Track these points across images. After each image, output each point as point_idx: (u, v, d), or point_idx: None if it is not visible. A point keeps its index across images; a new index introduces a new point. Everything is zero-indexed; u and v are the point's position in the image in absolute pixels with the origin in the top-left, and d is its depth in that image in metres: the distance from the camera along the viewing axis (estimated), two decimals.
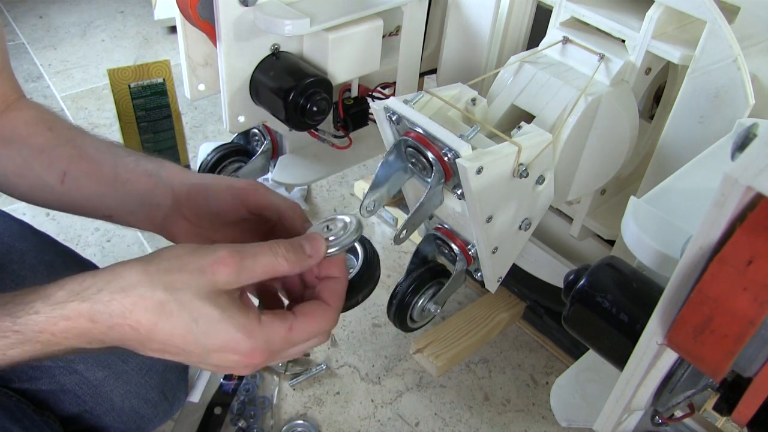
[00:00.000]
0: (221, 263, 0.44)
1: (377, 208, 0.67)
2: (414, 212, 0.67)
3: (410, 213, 0.68)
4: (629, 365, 0.44)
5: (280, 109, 0.84)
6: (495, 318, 1.06)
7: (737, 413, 0.42)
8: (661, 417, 0.51)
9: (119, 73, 1.11)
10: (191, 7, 0.81)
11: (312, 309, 0.49)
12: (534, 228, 0.74)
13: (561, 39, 0.75)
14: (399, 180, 0.69)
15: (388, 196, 0.68)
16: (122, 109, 1.13)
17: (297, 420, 0.93)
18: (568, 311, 0.53)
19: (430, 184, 0.64)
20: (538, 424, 0.97)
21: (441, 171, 0.63)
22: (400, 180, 0.69)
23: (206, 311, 0.43)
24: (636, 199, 0.54)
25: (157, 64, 1.11)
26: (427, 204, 0.67)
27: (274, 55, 0.86)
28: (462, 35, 0.92)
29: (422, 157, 0.64)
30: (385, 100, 0.67)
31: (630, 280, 0.52)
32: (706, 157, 0.60)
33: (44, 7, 1.89)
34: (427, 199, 0.66)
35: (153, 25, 1.82)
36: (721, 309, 0.34)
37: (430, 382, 1.01)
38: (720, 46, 0.66)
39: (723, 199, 0.32)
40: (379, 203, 0.67)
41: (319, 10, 0.82)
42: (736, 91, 0.66)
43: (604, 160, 0.77)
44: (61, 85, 1.58)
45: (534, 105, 0.73)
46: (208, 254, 0.44)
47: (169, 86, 1.14)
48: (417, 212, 0.67)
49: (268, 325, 0.45)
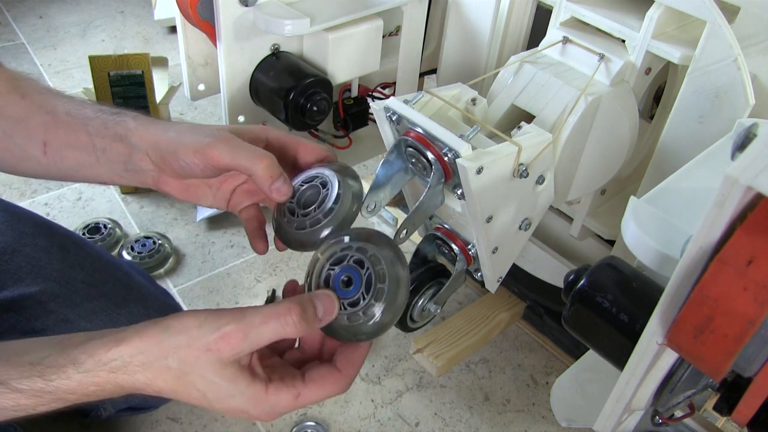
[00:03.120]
0: (225, 341, 0.46)
1: (378, 209, 0.67)
2: (414, 212, 0.67)
3: (410, 213, 0.68)
4: (629, 365, 0.44)
5: (280, 109, 0.84)
6: (495, 318, 1.06)
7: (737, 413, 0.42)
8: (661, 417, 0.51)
9: (100, 60, 1.14)
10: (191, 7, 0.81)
11: (322, 376, 0.50)
12: (534, 228, 0.74)
13: (561, 39, 0.75)
14: (400, 180, 0.69)
15: (388, 197, 0.68)
16: (101, 95, 1.17)
17: (307, 422, 0.93)
18: (568, 311, 0.53)
19: (430, 184, 0.64)
20: (538, 424, 0.97)
21: (441, 171, 0.63)
22: (401, 180, 0.69)
23: (214, 386, 0.47)
24: (636, 199, 0.54)
25: (136, 56, 1.14)
26: (427, 204, 0.66)
27: (274, 55, 0.86)
28: (462, 35, 0.92)
29: (422, 157, 0.64)
30: (385, 100, 0.67)
31: (630, 280, 0.52)
32: (706, 157, 0.60)
33: (44, 7, 1.89)
34: (426, 199, 0.66)
35: (153, 25, 1.82)
36: (721, 309, 0.34)
37: (430, 382, 1.01)
38: (720, 46, 0.66)
39: (723, 199, 0.32)
40: (379, 204, 0.67)
41: (319, 10, 0.82)
42: (736, 91, 0.66)
43: (604, 160, 0.77)
44: (61, 85, 1.58)
45: (534, 105, 0.73)
46: (213, 330, 0.46)
47: (147, 78, 1.16)
48: (417, 212, 0.67)
49: (274, 394, 0.48)
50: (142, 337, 0.47)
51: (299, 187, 0.58)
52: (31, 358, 0.47)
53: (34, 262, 0.75)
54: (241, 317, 0.47)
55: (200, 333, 0.46)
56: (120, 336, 0.47)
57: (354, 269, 0.51)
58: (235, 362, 0.47)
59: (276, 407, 0.49)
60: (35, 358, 0.47)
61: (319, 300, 0.49)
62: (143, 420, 0.91)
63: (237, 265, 1.16)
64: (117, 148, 0.59)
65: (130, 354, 0.46)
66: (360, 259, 0.51)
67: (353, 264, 0.51)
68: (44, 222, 0.80)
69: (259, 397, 0.48)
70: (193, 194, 0.62)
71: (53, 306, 0.74)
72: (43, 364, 0.46)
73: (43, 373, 0.46)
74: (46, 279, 0.74)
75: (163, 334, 0.47)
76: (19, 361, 0.46)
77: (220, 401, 0.48)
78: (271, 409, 0.48)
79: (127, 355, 0.46)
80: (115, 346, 0.47)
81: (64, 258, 0.77)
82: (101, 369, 0.46)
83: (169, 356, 0.46)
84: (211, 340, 0.46)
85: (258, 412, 0.48)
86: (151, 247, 1.14)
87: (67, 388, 0.46)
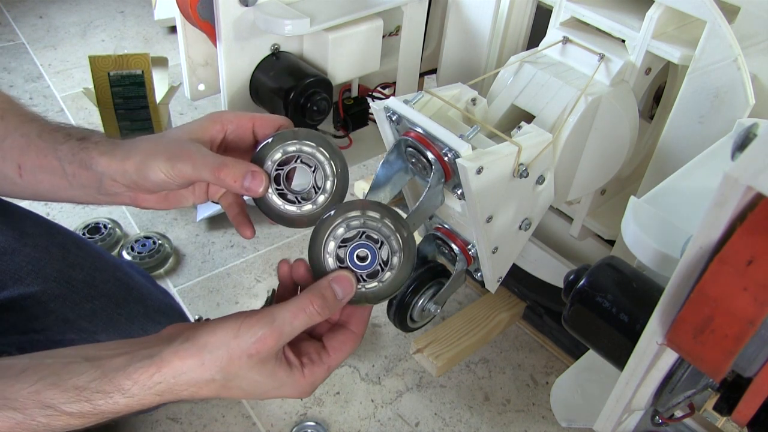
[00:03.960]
0: (263, 343, 0.49)
1: None
2: (414, 212, 0.67)
3: (410, 213, 0.68)
4: (629, 365, 0.44)
5: (280, 109, 0.84)
6: (495, 318, 1.06)
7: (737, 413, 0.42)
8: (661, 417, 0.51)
9: (100, 60, 1.14)
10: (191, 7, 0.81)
11: (343, 342, 0.55)
12: (534, 228, 0.74)
13: (561, 39, 0.75)
14: (400, 180, 0.69)
15: (388, 197, 0.68)
16: (101, 95, 1.17)
17: (307, 422, 0.93)
18: (568, 311, 0.53)
19: (430, 184, 0.64)
20: (538, 424, 0.97)
21: (441, 171, 0.63)
22: (401, 180, 0.69)
23: (258, 384, 0.51)
24: (636, 199, 0.54)
25: (136, 56, 1.14)
26: (427, 204, 0.66)
27: (274, 55, 0.86)
28: (462, 35, 0.92)
29: (422, 157, 0.64)
30: (385, 100, 0.67)
31: (630, 280, 0.52)
32: (706, 157, 0.60)
33: (44, 7, 1.89)
34: (426, 199, 0.66)
35: (153, 25, 1.82)
36: (721, 309, 0.34)
37: (430, 382, 1.01)
38: (720, 46, 0.65)
39: (723, 199, 0.32)
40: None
41: (319, 10, 0.82)
42: (736, 91, 0.66)
43: (604, 160, 0.77)
44: (61, 85, 1.58)
45: (534, 105, 0.73)
46: (250, 337, 0.49)
47: (147, 78, 1.16)
48: (417, 212, 0.67)
49: (310, 375, 0.53)
50: (182, 358, 0.49)
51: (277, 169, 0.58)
52: (76, 382, 0.48)
53: (34, 262, 0.75)
54: (272, 319, 0.50)
55: (238, 343, 0.49)
56: (158, 360, 0.49)
57: (366, 242, 0.55)
58: (272, 358, 0.50)
59: (314, 384, 0.53)
60: (80, 383, 0.48)
61: (337, 283, 0.53)
62: (143, 420, 0.91)
63: (237, 265, 1.16)
64: (86, 175, 0.59)
65: (173, 376, 0.49)
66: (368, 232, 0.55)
67: (364, 237, 0.55)
68: (44, 222, 0.80)
69: (299, 382, 0.52)
70: (173, 201, 0.63)
71: (53, 306, 0.74)
72: (90, 389, 0.48)
73: (90, 399, 0.48)
74: (46, 279, 0.74)
75: (203, 352, 0.49)
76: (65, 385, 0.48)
77: (264, 393, 0.52)
78: (309, 387, 0.53)
79: (171, 377, 0.49)
80: (157, 371, 0.49)
81: (64, 258, 0.77)
82: (147, 393, 0.49)
83: (212, 372, 0.49)
84: (251, 345, 0.49)
85: (299, 393, 0.53)
86: (151, 247, 1.14)
87: (114, 411, 0.49)
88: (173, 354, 0.49)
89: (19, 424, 0.48)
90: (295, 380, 0.52)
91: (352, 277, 0.54)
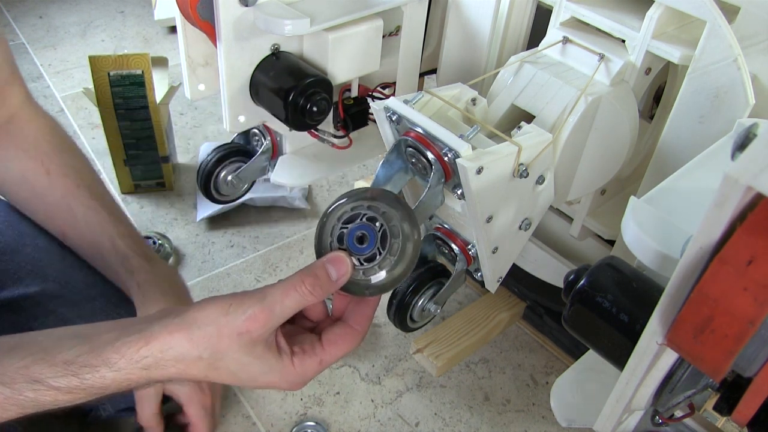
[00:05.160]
0: (254, 321, 0.48)
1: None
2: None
3: None
4: (629, 365, 0.44)
5: (280, 109, 0.84)
6: (495, 318, 1.06)
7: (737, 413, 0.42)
8: (661, 417, 0.51)
9: (100, 60, 1.14)
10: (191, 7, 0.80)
11: (339, 336, 0.53)
12: (534, 228, 0.74)
13: (561, 39, 0.75)
14: (400, 180, 0.69)
15: None
16: (101, 95, 1.17)
17: (307, 422, 0.93)
18: (568, 311, 0.53)
19: (430, 184, 0.64)
20: (538, 424, 0.97)
21: (441, 171, 0.63)
22: (401, 180, 0.69)
23: (246, 366, 0.50)
24: (636, 199, 0.54)
25: (136, 56, 1.15)
26: (427, 204, 0.66)
27: (274, 55, 0.86)
28: (462, 35, 0.92)
29: (422, 157, 0.64)
30: (385, 100, 0.67)
31: (630, 280, 0.52)
32: (706, 157, 0.60)
33: (44, 7, 1.89)
34: (426, 199, 0.66)
35: (153, 25, 1.82)
36: (721, 309, 0.34)
37: (430, 382, 1.01)
38: (720, 46, 0.65)
39: (723, 199, 0.32)
40: None
41: (319, 10, 0.82)
42: (736, 91, 0.66)
43: (604, 160, 0.77)
44: (61, 85, 1.58)
45: (534, 105, 0.73)
46: (240, 314, 0.49)
47: (147, 78, 1.16)
48: (417, 212, 0.67)
49: (300, 365, 0.52)
50: (170, 332, 0.48)
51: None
52: (65, 356, 0.49)
53: (34, 262, 0.75)
54: (263, 297, 0.49)
55: (228, 320, 0.48)
56: (147, 334, 0.49)
57: (367, 226, 0.53)
58: (263, 340, 0.49)
59: (304, 376, 0.52)
60: (68, 357, 0.48)
61: (331, 263, 0.51)
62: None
63: (237, 265, 1.16)
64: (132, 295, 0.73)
65: (160, 350, 0.48)
66: (373, 216, 0.53)
67: (366, 221, 0.53)
68: None
69: (288, 371, 0.51)
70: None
71: (53, 306, 0.74)
72: (77, 363, 0.48)
73: (77, 373, 0.48)
74: (46, 279, 0.74)
75: (192, 327, 0.49)
76: (53, 360, 0.48)
77: (252, 379, 0.51)
78: (299, 378, 0.52)
79: (158, 351, 0.48)
80: (145, 345, 0.48)
81: (64, 258, 0.77)
82: (134, 367, 0.48)
83: (200, 348, 0.48)
84: (241, 323, 0.48)
85: (287, 384, 0.52)
86: (151, 247, 1.14)
87: (101, 385, 0.49)
88: (162, 328, 0.49)
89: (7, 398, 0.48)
90: (283, 367, 0.51)
91: (348, 259, 0.51)
